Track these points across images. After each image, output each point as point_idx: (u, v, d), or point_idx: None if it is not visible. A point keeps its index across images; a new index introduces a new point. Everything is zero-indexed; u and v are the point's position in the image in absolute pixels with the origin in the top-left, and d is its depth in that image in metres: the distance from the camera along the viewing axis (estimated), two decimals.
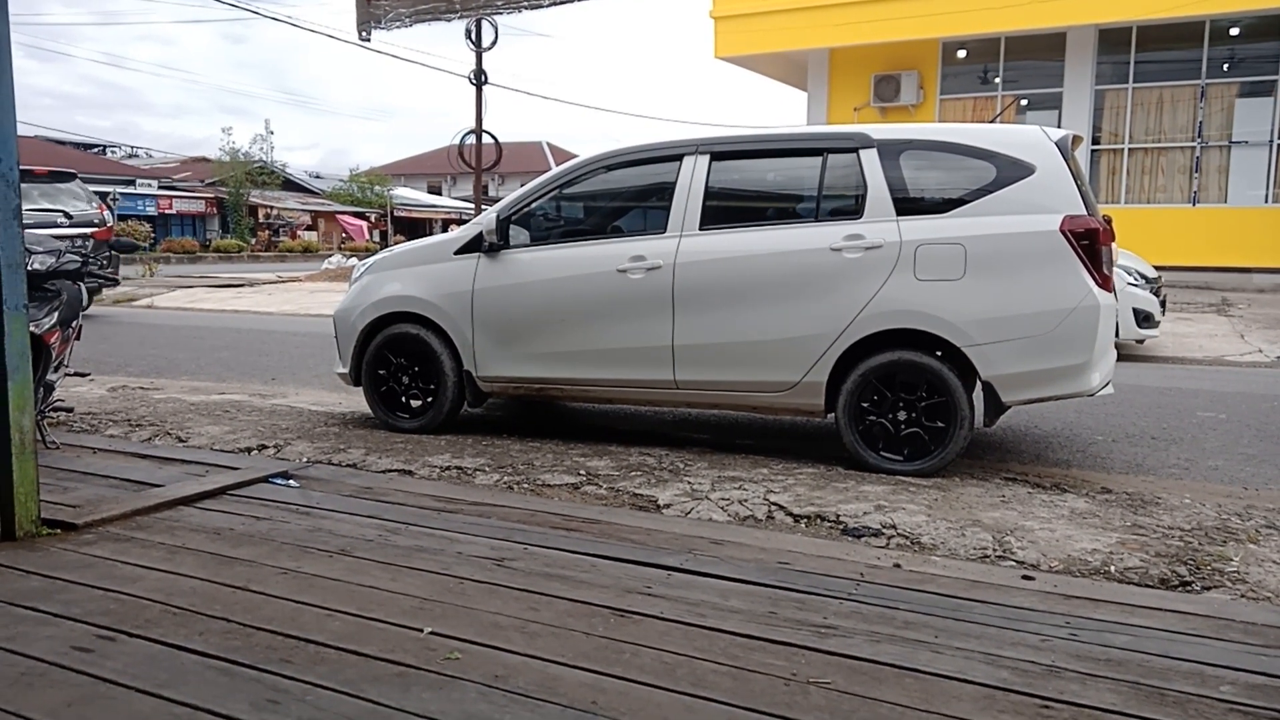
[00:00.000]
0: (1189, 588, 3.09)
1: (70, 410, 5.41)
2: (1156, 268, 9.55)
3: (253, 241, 40.66)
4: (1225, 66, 16.30)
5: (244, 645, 2.42)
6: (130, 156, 48.35)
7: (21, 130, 3.37)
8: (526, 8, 4.12)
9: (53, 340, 4.61)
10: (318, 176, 51.22)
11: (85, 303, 5.02)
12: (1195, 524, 3.70)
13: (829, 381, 4.54)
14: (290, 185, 46.66)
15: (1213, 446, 5.25)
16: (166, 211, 40.21)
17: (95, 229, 12.12)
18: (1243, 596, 3.01)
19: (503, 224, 5.11)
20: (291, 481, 4.14)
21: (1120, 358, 5.46)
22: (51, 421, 5.09)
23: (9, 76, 3.13)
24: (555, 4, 4.03)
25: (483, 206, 15.74)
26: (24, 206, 3.23)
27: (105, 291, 15.67)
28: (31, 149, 36.92)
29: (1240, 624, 2.65)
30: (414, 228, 45.17)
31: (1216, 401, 6.56)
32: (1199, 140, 16.41)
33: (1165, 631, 2.58)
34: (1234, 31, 16.06)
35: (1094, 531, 3.58)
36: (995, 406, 4.42)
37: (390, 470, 4.50)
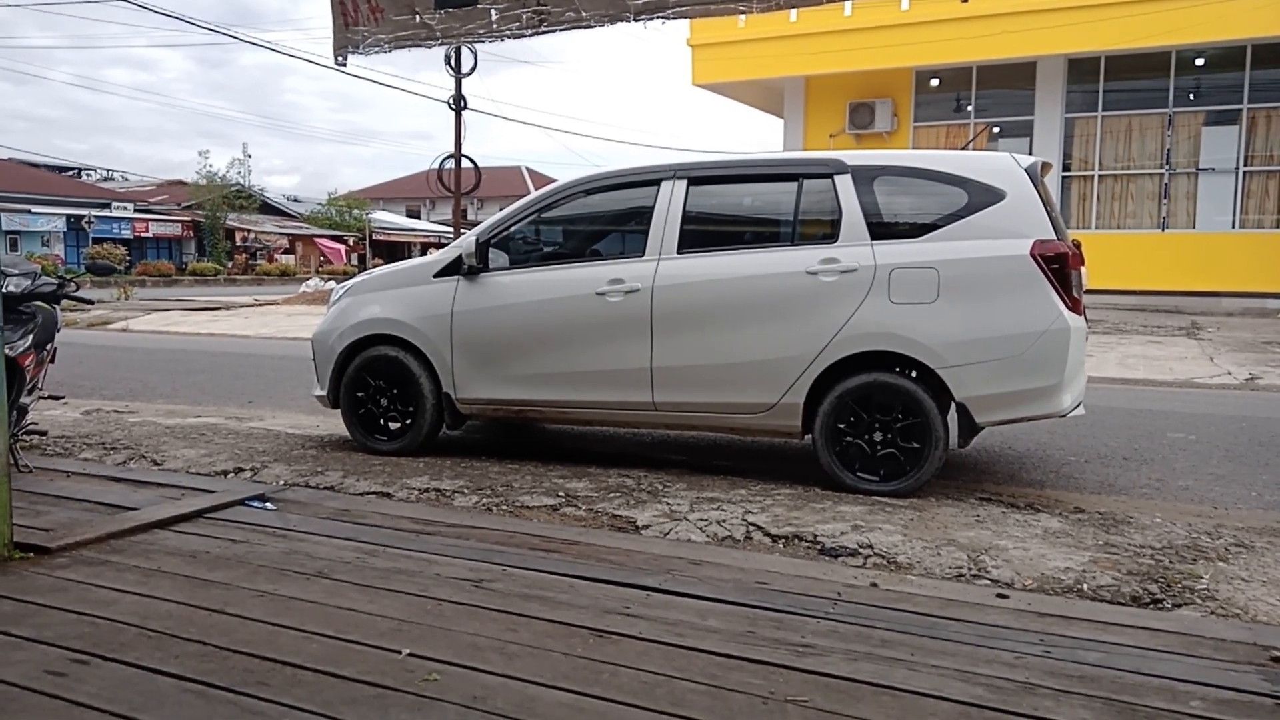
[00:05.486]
0: (1160, 605, 3.13)
1: (44, 433, 5.36)
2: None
3: (229, 265, 40.43)
4: (1191, 96, 16.67)
5: (220, 668, 2.40)
6: (106, 180, 48.07)
7: None
8: (508, 36, 4.16)
9: (27, 363, 4.57)
10: (296, 200, 51.09)
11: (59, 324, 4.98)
12: (1166, 543, 3.75)
13: (806, 403, 4.58)
14: (268, 209, 46.46)
15: (1183, 467, 5.33)
16: (143, 235, 39.95)
17: None
18: (1213, 613, 3.05)
19: (482, 247, 5.13)
20: (268, 504, 4.12)
21: None
22: (25, 445, 5.03)
23: None
24: (536, 33, 4.08)
25: (461, 230, 15.76)
26: None
27: (80, 315, 15.55)
28: (7, 172, 36.65)
29: (1210, 640, 2.70)
30: (392, 251, 45.10)
31: (1186, 423, 6.66)
32: (1167, 167, 16.73)
33: (1137, 648, 2.62)
34: (1199, 62, 16.46)
35: (1067, 550, 3.63)
36: (969, 428, 4.48)
37: (368, 492, 4.48)
